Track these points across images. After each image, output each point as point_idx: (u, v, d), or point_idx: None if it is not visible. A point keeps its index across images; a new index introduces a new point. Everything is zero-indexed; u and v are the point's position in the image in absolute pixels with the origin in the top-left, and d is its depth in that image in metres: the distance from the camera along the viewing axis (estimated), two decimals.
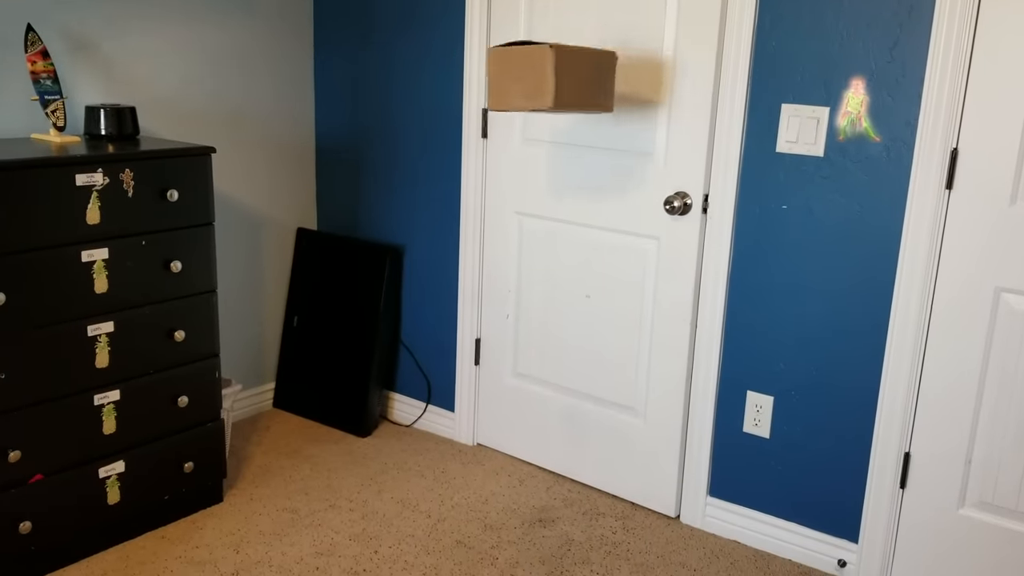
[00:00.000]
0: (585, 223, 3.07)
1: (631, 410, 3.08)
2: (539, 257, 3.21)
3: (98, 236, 2.52)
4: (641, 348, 3.02)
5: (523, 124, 3.16)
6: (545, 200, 3.15)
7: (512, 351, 3.35)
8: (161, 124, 3.11)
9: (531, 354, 3.29)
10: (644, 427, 3.06)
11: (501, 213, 3.27)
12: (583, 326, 3.14)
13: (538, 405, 3.31)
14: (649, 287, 2.97)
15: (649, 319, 2.98)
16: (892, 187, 2.49)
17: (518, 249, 3.26)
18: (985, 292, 2.41)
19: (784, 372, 2.76)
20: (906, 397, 2.55)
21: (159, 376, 2.74)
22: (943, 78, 2.35)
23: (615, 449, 3.13)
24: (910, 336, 2.52)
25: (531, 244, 3.22)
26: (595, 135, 2.99)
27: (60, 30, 2.80)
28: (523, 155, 3.17)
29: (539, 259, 3.21)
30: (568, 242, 3.12)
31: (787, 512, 2.84)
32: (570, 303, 3.16)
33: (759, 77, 2.64)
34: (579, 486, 3.22)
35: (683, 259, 2.87)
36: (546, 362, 3.26)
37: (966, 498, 2.54)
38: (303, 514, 2.96)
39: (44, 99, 2.68)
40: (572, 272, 3.13)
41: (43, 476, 2.52)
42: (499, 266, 3.32)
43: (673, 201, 2.80)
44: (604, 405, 3.15)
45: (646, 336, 3.00)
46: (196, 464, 2.88)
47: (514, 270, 3.29)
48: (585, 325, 3.14)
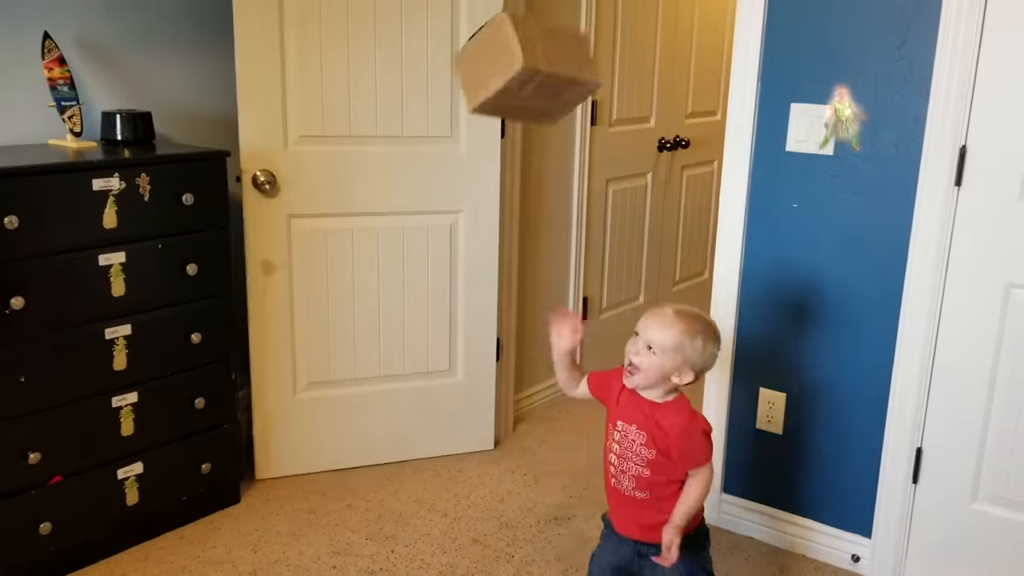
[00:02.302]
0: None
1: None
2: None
3: (115, 240, 2.55)
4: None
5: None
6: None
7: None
8: (177, 129, 3.14)
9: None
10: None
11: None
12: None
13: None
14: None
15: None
16: (902, 184, 2.50)
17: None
18: (995, 288, 2.42)
19: (796, 369, 2.78)
20: (918, 392, 2.56)
21: (176, 378, 2.77)
22: (951, 75, 2.36)
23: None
24: (921, 332, 2.53)
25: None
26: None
27: (76, 37, 2.83)
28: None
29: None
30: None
31: (801, 508, 2.85)
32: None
33: (768, 78, 2.66)
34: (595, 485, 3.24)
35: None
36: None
37: (979, 492, 2.54)
38: (320, 514, 2.99)
39: (61, 105, 2.71)
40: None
41: (62, 478, 2.55)
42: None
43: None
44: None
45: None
46: (213, 465, 2.91)
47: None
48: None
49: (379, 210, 3.11)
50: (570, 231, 3.85)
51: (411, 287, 3.21)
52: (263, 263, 2.97)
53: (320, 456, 3.24)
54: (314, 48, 2.89)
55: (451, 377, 3.36)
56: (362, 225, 3.10)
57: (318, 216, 3.03)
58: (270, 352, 3.06)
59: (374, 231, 3.11)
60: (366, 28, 2.94)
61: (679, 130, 4.45)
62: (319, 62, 2.90)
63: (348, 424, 3.24)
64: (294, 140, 2.94)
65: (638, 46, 4.05)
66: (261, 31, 2.82)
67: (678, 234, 4.70)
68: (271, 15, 2.82)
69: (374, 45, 2.96)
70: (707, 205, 4.81)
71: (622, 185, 4.15)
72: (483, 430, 3.46)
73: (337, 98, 2.95)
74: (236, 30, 2.79)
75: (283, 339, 3.07)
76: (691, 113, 4.55)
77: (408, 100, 3.04)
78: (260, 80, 2.86)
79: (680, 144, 4.44)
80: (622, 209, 4.18)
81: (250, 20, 2.80)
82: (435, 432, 3.38)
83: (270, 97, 2.88)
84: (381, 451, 3.32)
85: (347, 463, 3.27)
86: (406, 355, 3.27)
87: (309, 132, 2.95)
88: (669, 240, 4.62)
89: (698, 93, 4.55)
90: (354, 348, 3.18)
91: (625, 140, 4.10)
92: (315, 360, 3.14)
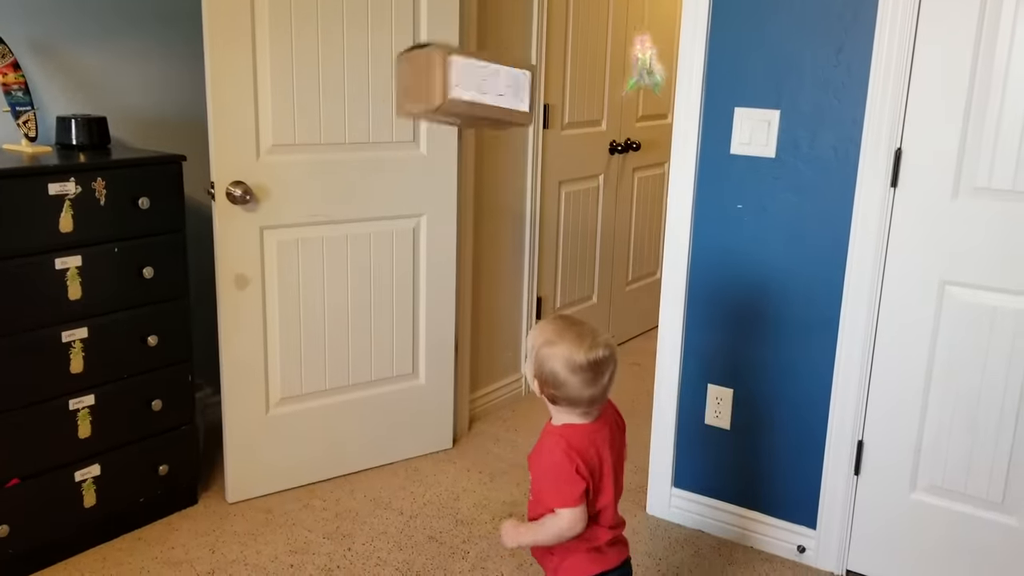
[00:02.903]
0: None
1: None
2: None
3: (71, 244, 2.56)
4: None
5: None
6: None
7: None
8: (133, 134, 3.15)
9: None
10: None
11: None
12: None
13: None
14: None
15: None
16: (840, 185, 2.59)
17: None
18: (931, 285, 2.51)
19: (743, 365, 2.86)
20: (858, 387, 2.65)
21: (133, 381, 2.79)
22: (886, 80, 2.46)
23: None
24: (860, 329, 2.62)
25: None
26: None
27: (30, 42, 2.84)
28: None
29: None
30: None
31: (748, 501, 2.93)
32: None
33: (713, 83, 2.74)
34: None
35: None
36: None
37: (917, 482, 2.64)
38: (277, 514, 3.02)
39: (15, 110, 2.72)
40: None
41: (20, 480, 2.56)
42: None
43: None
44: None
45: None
46: (171, 467, 2.93)
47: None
48: None
49: (349, 217, 3.10)
50: (524, 232, 3.91)
51: (378, 292, 3.22)
52: (236, 277, 2.91)
53: (291, 473, 3.17)
54: (286, 59, 2.85)
55: (414, 380, 3.39)
56: (333, 234, 3.08)
57: (290, 226, 2.99)
58: (243, 370, 3.00)
59: (343, 239, 3.11)
60: (335, 38, 2.93)
61: (630, 133, 4.53)
62: (291, 72, 2.87)
63: (319, 437, 3.21)
64: (266, 150, 2.89)
65: (589, 50, 4.12)
66: (232, 44, 2.76)
67: (630, 235, 4.78)
68: (242, 31, 2.77)
69: (343, 54, 2.95)
70: (658, 206, 4.90)
71: (575, 187, 4.22)
72: (442, 430, 3.50)
73: (309, 107, 2.93)
74: (207, 45, 2.72)
75: (256, 355, 3.01)
76: (642, 116, 4.63)
77: (375, 107, 3.05)
78: (232, 93, 2.79)
79: (631, 147, 4.52)
80: (575, 210, 4.25)
81: (221, 34, 2.73)
82: (399, 436, 3.40)
83: (243, 109, 2.82)
84: (350, 461, 3.30)
85: (317, 477, 3.24)
86: (373, 361, 3.27)
87: (281, 141, 2.91)
88: (621, 241, 4.69)
89: (648, 97, 4.63)
90: (325, 359, 3.16)
91: (577, 143, 4.17)
92: (288, 374, 3.10)
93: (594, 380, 1.86)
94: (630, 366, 4.32)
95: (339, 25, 2.93)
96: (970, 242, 2.44)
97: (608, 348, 1.88)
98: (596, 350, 1.85)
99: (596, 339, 1.87)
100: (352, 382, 3.24)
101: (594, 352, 1.85)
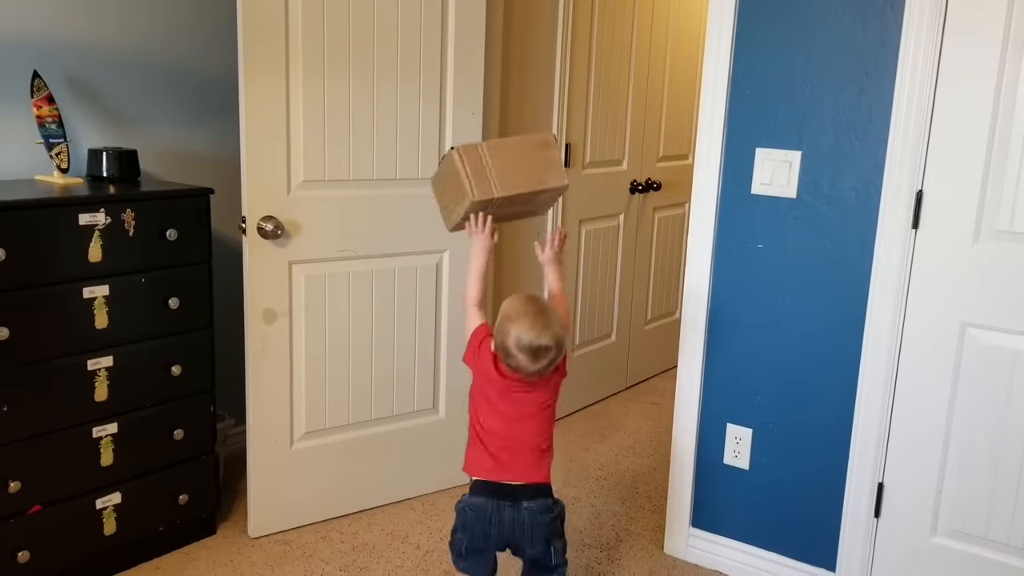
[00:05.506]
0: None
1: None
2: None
3: (99, 273, 2.60)
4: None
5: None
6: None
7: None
8: (162, 167, 3.21)
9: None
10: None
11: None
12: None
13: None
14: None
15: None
16: (861, 227, 2.60)
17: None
18: (952, 327, 2.51)
19: (762, 405, 2.86)
20: (879, 429, 2.65)
21: (156, 410, 2.81)
22: (908, 123, 2.47)
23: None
24: (881, 370, 2.62)
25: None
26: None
27: (64, 76, 2.91)
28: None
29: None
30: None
31: (767, 542, 2.91)
32: None
33: (734, 123, 2.76)
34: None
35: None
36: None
37: (938, 526, 2.62)
38: (295, 546, 3.03)
39: (49, 142, 2.77)
40: None
41: (42, 507, 2.58)
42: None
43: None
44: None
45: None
46: (191, 496, 2.94)
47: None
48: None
49: (374, 252, 3.12)
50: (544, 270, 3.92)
51: (401, 327, 3.24)
52: (265, 311, 2.93)
53: (311, 508, 3.18)
54: (318, 97, 2.88)
55: (434, 415, 3.40)
56: (359, 268, 3.10)
57: (319, 261, 3.01)
58: (269, 404, 3.01)
59: (369, 274, 3.13)
60: (365, 79, 2.96)
61: (651, 173, 4.56)
62: (322, 110, 2.90)
63: (340, 471, 3.21)
64: (296, 185, 2.91)
65: (611, 90, 4.17)
66: (267, 83, 2.79)
67: (650, 274, 4.79)
68: (277, 71, 2.80)
69: (373, 94, 2.98)
70: (678, 246, 4.92)
71: (595, 226, 4.25)
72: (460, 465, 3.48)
73: (339, 142, 2.95)
74: (242, 85, 2.75)
75: (282, 390, 3.02)
76: (663, 156, 4.66)
77: (402, 143, 3.09)
78: (265, 130, 2.81)
79: (652, 186, 4.55)
80: (595, 249, 4.27)
81: (256, 74, 2.77)
82: (418, 470, 3.40)
83: (275, 145, 2.84)
84: (369, 496, 3.30)
85: (336, 512, 3.23)
86: (396, 396, 3.28)
87: (311, 177, 2.93)
88: (641, 280, 4.71)
89: (670, 137, 4.67)
90: (349, 393, 3.17)
91: (598, 182, 4.20)
92: (313, 409, 3.10)
93: (534, 361, 2.17)
94: (649, 405, 4.32)
95: (370, 67, 2.97)
96: (991, 284, 2.44)
97: (554, 339, 2.16)
98: (542, 338, 2.15)
99: (547, 329, 2.16)
100: (374, 416, 3.25)
101: (540, 339, 2.15)
